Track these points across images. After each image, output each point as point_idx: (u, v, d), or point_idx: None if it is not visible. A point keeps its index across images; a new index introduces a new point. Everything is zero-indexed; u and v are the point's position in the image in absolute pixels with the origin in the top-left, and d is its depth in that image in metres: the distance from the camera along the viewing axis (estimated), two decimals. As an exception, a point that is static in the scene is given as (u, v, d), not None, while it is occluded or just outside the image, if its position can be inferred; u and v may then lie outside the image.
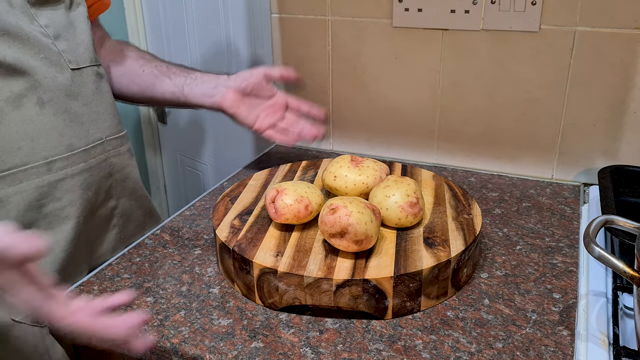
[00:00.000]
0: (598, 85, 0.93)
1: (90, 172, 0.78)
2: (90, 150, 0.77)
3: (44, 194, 0.72)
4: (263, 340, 0.62)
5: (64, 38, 0.74)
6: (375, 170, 0.78)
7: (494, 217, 0.88)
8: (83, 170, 0.76)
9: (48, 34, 0.72)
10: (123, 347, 0.55)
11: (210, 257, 0.78)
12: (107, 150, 0.81)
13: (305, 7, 1.08)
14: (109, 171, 0.81)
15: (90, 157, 0.77)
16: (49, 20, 0.73)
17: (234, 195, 0.83)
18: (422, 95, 1.06)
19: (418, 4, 0.99)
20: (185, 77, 0.93)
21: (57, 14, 0.74)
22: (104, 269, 0.76)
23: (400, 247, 0.68)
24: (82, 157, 0.76)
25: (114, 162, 0.82)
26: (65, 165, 0.74)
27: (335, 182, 0.77)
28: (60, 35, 0.74)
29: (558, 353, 0.60)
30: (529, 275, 0.73)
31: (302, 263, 0.65)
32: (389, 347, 0.61)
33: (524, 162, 1.03)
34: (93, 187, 0.78)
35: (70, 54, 0.75)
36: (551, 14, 0.92)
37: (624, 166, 0.91)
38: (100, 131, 0.79)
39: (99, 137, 0.79)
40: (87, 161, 0.77)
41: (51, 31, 0.73)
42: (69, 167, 0.74)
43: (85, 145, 0.77)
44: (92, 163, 0.78)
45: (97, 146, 0.79)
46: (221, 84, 0.91)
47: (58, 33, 0.74)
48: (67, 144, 0.74)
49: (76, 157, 0.75)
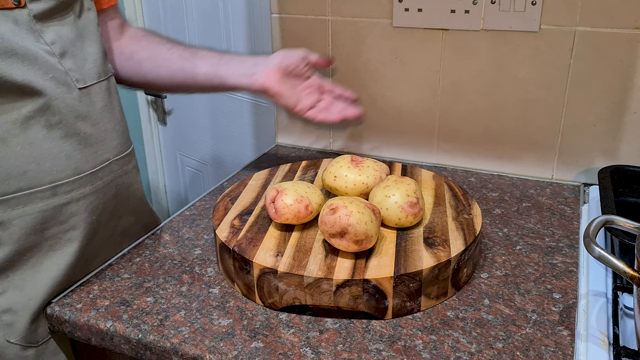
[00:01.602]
0: (598, 85, 0.93)
1: (96, 194, 0.75)
2: (97, 172, 0.74)
3: (47, 217, 0.70)
4: (263, 340, 0.62)
5: (70, 55, 0.71)
6: (375, 170, 0.78)
7: (494, 217, 0.88)
8: (89, 193, 0.73)
9: (54, 52, 0.69)
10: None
11: (210, 257, 0.78)
12: (115, 171, 0.77)
13: (305, 7, 1.08)
14: (114, 192, 0.78)
15: (97, 180, 0.74)
16: (56, 36, 0.70)
17: (234, 195, 0.83)
18: (422, 95, 1.06)
19: (418, 4, 0.99)
20: (220, 58, 0.88)
21: (64, 28, 0.71)
22: (104, 269, 0.76)
23: (400, 247, 0.68)
24: (89, 180, 0.73)
25: (120, 182, 0.79)
26: (71, 189, 0.71)
27: (335, 182, 0.77)
28: (66, 52, 0.71)
29: (558, 353, 0.60)
30: (529, 275, 0.73)
31: (302, 263, 0.65)
32: (389, 347, 0.61)
33: (524, 162, 1.03)
34: (98, 209, 0.75)
35: (77, 72, 0.72)
36: (551, 14, 0.92)
37: (624, 166, 0.91)
38: (108, 152, 0.76)
39: (106, 157, 0.76)
40: (94, 184, 0.74)
41: (57, 49, 0.70)
42: (74, 191, 0.72)
43: (92, 167, 0.73)
44: (99, 185, 0.75)
45: (104, 168, 0.75)
46: (261, 63, 0.87)
47: (64, 50, 0.70)
48: (73, 168, 0.71)
49: (83, 180, 0.72)
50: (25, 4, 0.66)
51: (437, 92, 1.05)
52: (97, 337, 0.66)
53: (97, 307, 0.68)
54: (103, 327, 0.65)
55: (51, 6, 0.68)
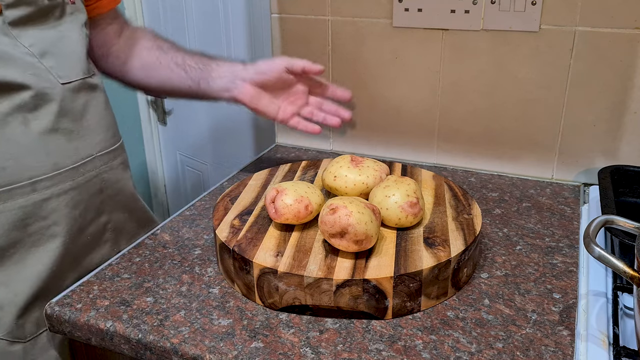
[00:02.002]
0: (598, 85, 0.93)
1: (78, 190, 0.75)
2: (78, 168, 0.75)
3: (28, 213, 0.70)
4: (263, 340, 0.62)
5: (51, 54, 0.72)
6: (375, 170, 0.78)
7: (494, 217, 0.88)
8: (70, 189, 0.74)
9: (33, 53, 0.70)
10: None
11: (210, 257, 0.78)
12: (98, 166, 0.78)
13: (305, 7, 1.08)
14: (99, 187, 0.78)
15: (78, 175, 0.75)
16: (34, 39, 0.70)
17: (234, 195, 0.83)
18: (422, 95, 1.06)
19: (418, 4, 0.99)
20: (202, 71, 0.90)
21: (43, 31, 0.71)
22: (104, 269, 0.76)
23: (400, 247, 0.68)
24: (69, 175, 0.74)
25: (106, 178, 0.79)
26: (50, 184, 0.71)
27: (335, 182, 0.77)
28: (47, 53, 0.71)
29: (558, 353, 0.60)
30: (529, 275, 0.73)
31: (302, 263, 0.65)
32: (389, 347, 0.61)
33: (524, 162, 1.03)
34: (81, 205, 0.76)
35: (60, 69, 0.72)
36: (551, 14, 0.92)
37: (624, 166, 0.91)
38: (90, 147, 0.76)
39: (88, 153, 0.76)
40: (75, 179, 0.74)
41: (36, 50, 0.70)
42: (54, 187, 0.72)
43: (72, 163, 0.74)
44: (80, 181, 0.75)
45: (86, 163, 0.76)
46: (238, 77, 0.87)
47: (44, 50, 0.71)
48: (52, 163, 0.71)
49: (62, 176, 0.73)
50: (1, 11, 0.66)
51: (437, 92, 1.05)
52: (97, 337, 0.66)
53: (97, 307, 0.68)
54: (103, 327, 0.65)
55: (27, 13, 0.69)
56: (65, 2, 0.75)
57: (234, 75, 0.88)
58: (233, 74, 0.88)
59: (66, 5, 0.75)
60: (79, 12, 0.78)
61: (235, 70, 0.88)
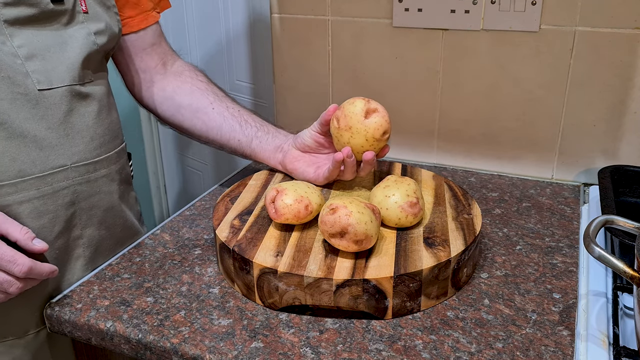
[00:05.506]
0: (598, 85, 0.93)
1: (43, 200, 0.71)
2: (46, 177, 0.71)
3: None
4: (263, 340, 0.62)
5: (40, 58, 0.69)
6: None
7: (494, 217, 0.88)
8: (34, 197, 0.70)
9: (19, 54, 0.68)
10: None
11: (210, 257, 0.78)
12: (72, 177, 0.74)
13: (305, 7, 1.08)
14: (70, 200, 0.74)
15: (44, 185, 0.71)
16: (26, 40, 0.68)
17: (234, 195, 0.83)
18: (422, 95, 1.06)
19: (418, 4, 0.99)
20: (257, 130, 0.89)
21: (41, 34, 0.70)
22: (104, 269, 0.76)
23: (400, 247, 0.68)
24: (34, 184, 0.70)
25: (80, 190, 0.75)
26: (13, 191, 0.69)
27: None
28: (35, 56, 0.69)
29: (558, 353, 0.60)
30: (529, 275, 0.73)
31: (302, 263, 0.65)
32: (389, 347, 0.61)
33: (524, 162, 1.03)
34: (46, 216, 0.72)
35: (42, 74, 0.70)
36: (551, 14, 0.92)
37: (624, 166, 0.91)
38: (64, 157, 0.72)
39: (61, 163, 0.72)
40: (40, 188, 0.71)
41: (24, 51, 0.68)
42: (17, 194, 0.69)
43: (40, 172, 0.70)
44: (47, 191, 0.71)
45: (56, 173, 0.72)
46: (286, 146, 0.88)
47: (33, 53, 0.69)
48: (17, 170, 0.69)
49: (26, 184, 0.69)
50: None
51: (437, 92, 1.05)
52: (97, 337, 0.66)
53: (97, 307, 0.68)
54: (103, 327, 0.65)
55: (28, 14, 0.68)
56: (76, 11, 0.73)
57: (285, 142, 0.88)
58: (283, 142, 0.88)
59: (77, 14, 0.73)
60: (91, 22, 0.75)
61: (286, 138, 0.89)
